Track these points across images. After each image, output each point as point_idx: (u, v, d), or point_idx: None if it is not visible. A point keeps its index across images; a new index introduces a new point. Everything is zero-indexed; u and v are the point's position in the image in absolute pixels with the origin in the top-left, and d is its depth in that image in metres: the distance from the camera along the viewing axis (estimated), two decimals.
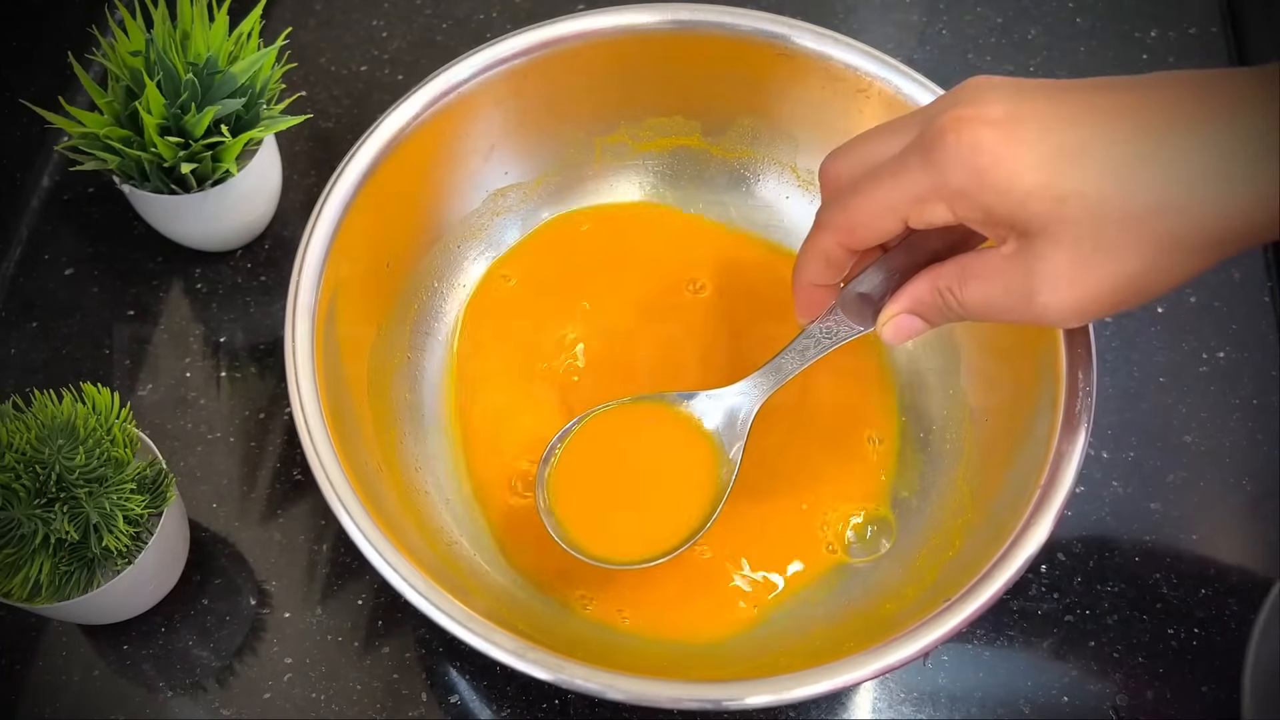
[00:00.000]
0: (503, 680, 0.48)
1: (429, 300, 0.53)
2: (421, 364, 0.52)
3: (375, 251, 0.50)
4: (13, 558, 0.43)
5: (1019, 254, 0.36)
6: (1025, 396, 0.46)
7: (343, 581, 0.50)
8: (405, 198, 0.51)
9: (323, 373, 0.44)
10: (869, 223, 0.38)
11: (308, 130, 0.62)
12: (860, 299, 0.43)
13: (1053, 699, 0.48)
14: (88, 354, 0.56)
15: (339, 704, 0.48)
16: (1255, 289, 0.58)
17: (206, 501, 0.52)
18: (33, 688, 0.48)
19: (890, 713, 0.48)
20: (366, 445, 0.46)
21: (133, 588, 0.46)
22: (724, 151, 0.56)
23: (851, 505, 0.49)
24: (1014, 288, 0.36)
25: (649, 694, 0.39)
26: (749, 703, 0.38)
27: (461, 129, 0.51)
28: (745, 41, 0.51)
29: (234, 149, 0.51)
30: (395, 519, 0.43)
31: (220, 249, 0.58)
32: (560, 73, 0.52)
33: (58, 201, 0.60)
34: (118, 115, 0.51)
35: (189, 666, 0.49)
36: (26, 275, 0.58)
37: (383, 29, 0.66)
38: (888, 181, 0.37)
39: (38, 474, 0.42)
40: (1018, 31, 0.66)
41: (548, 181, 0.56)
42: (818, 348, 0.45)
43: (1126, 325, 0.57)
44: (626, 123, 0.55)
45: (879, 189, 0.38)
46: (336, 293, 0.47)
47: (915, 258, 0.42)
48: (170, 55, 0.50)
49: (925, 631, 0.39)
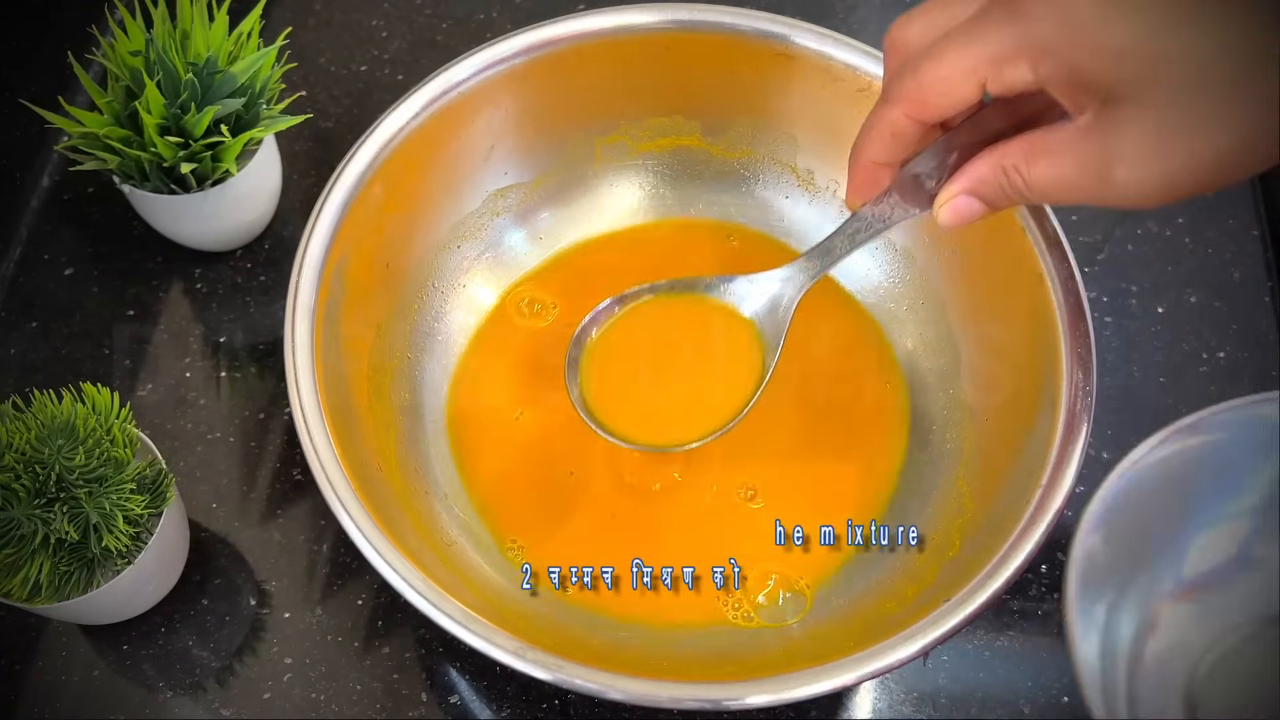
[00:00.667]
0: (503, 680, 0.48)
1: (429, 300, 0.53)
2: (421, 364, 0.52)
3: (375, 251, 0.50)
4: (13, 558, 0.43)
5: (1099, 123, 0.33)
6: (1025, 396, 0.46)
7: (343, 581, 0.50)
8: (405, 198, 0.51)
9: (323, 373, 0.44)
10: (944, 88, 0.35)
11: (308, 130, 0.62)
12: (916, 180, 0.40)
13: (1053, 699, 0.48)
14: (88, 354, 0.56)
15: (339, 704, 0.48)
16: (1255, 289, 0.58)
17: (206, 501, 0.52)
18: (33, 688, 0.48)
19: (890, 713, 0.48)
20: (366, 445, 0.46)
21: (133, 588, 0.46)
22: (724, 151, 0.56)
23: (850, 508, 0.50)
24: (1090, 162, 0.34)
25: (649, 694, 0.39)
26: (749, 702, 0.38)
27: (461, 129, 0.51)
28: (745, 41, 0.51)
29: (234, 149, 0.51)
30: (395, 519, 0.43)
31: (220, 249, 0.58)
32: (560, 73, 0.52)
33: (58, 201, 0.60)
34: (118, 115, 0.51)
35: (189, 666, 0.49)
36: (26, 275, 0.58)
37: (383, 29, 0.66)
38: (967, 39, 0.34)
39: (38, 474, 0.42)
40: None
41: (548, 181, 0.56)
42: (869, 231, 0.42)
43: (1126, 325, 0.57)
44: (626, 123, 0.55)
45: (957, 49, 0.35)
46: (336, 293, 0.47)
47: (978, 138, 0.39)
48: (170, 55, 0.50)
49: (925, 631, 0.39)
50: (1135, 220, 0.60)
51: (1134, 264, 0.58)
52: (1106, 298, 0.57)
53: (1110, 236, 0.59)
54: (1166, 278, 0.58)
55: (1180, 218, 0.60)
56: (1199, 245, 0.59)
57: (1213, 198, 0.60)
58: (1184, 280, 0.58)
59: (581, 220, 0.56)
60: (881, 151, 0.39)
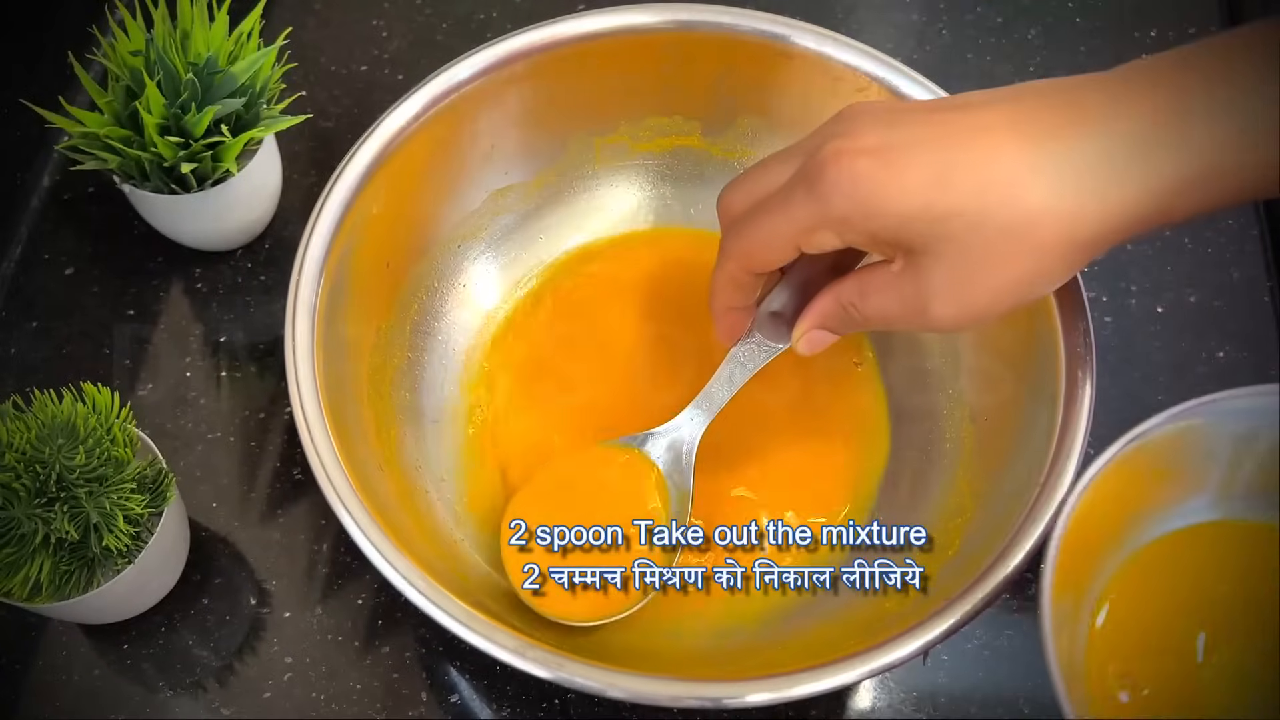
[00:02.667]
0: (503, 680, 0.48)
1: (429, 300, 0.53)
2: (421, 364, 0.52)
3: (375, 251, 0.50)
4: (13, 557, 0.43)
5: (907, 270, 0.38)
6: (1025, 396, 0.46)
7: (343, 581, 0.50)
8: (405, 197, 0.51)
9: (323, 373, 0.44)
10: (764, 251, 0.40)
11: (308, 130, 0.62)
12: (774, 318, 0.45)
13: (1052, 699, 0.48)
14: (88, 354, 0.56)
15: (339, 704, 0.48)
16: (1255, 289, 0.58)
17: (206, 501, 0.52)
18: (33, 688, 0.48)
19: (890, 712, 0.48)
20: (366, 445, 0.46)
21: (133, 588, 0.46)
22: (724, 151, 0.56)
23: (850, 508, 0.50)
24: (908, 301, 0.38)
25: (649, 693, 0.39)
26: (749, 701, 0.38)
27: (461, 129, 0.51)
28: (745, 41, 0.51)
29: (234, 149, 0.51)
30: (395, 519, 0.43)
31: (220, 249, 0.58)
32: (560, 73, 0.52)
33: (58, 201, 0.60)
34: (118, 115, 0.51)
35: (189, 666, 0.49)
36: (26, 275, 0.58)
37: (383, 29, 0.66)
38: (777, 213, 0.39)
39: (38, 474, 0.42)
40: (1017, 31, 0.66)
41: (548, 181, 0.56)
42: (743, 370, 0.46)
43: (1126, 325, 0.57)
44: (626, 123, 0.55)
45: (770, 219, 0.39)
46: (336, 293, 0.47)
47: (817, 266, 0.44)
48: (170, 55, 0.50)
49: (925, 631, 0.39)
50: None
51: (1134, 264, 0.58)
52: (1106, 297, 0.58)
53: None
54: (1166, 277, 0.58)
55: None
56: (1199, 245, 0.59)
57: None
58: (1184, 280, 0.58)
59: (582, 220, 0.56)
60: (730, 299, 0.44)
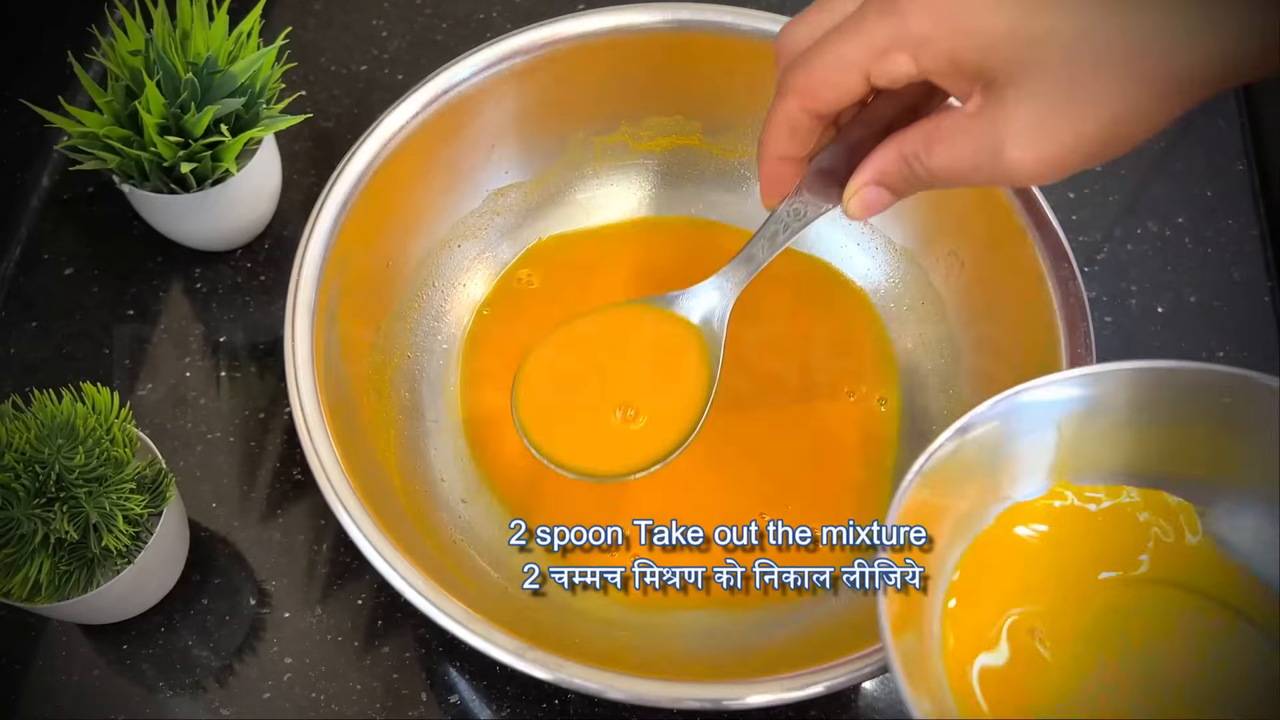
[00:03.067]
0: (503, 680, 0.48)
1: (429, 300, 0.53)
2: (421, 364, 0.52)
3: (375, 251, 0.50)
4: (13, 557, 0.43)
5: (986, 107, 0.34)
6: None
7: (343, 581, 0.50)
8: (405, 198, 0.51)
9: (323, 372, 0.44)
10: (831, 80, 0.37)
11: (308, 130, 0.62)
12: (824, 175, 0.41)
13: None
14: (88, 354, 0.56)
15: (339, 704, 0.48)
16: (1255, 289, 0.58)
17: (206, 501, 0.52)
18: (33, 688, 0.48)
19: (890, 713, 0.48)
20: (366, 445, 0.46)
21: (133, 588, 0.46)
22: (724, 151, 0.56)
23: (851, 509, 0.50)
24: (983, 145, 0.34)
25: (649, 693, 0.39)
26: (749, 702, 0.39)
27: (461, 129, 0.51)
28: (745, 41, 0.51)
29: (234, 148, 0.51)
30: (395, 519, 0.44)
31: (220, 249, 0.58)
32: (560, 73, 0.52)
33: (58, 201, 0.60)
34: (117, 115, 0.51)
35: (189, 666, 0.49)
36: (26, 275, 0.58)
37: (383, 29, 0.66)
38: (848, 35, 0.36)
39: (37, 474, 0.42)
40: None
41: (548, 181, 0.56)
42: (786, 231, 0.43)
43: (1126, 325, 0.57)
44: (626, 122, 0.55)
45: (839, 43, 0.36)
46: (336, 292, 0.47)
47: (875, 128, 0.40)
48: (170, 55, 0.50)
49: None
50: (1135, 220, 0.60)
51: (1134, 264, 0.58)
52: (1106, 298, 0.57)
53: (1110, 236, 0.59)
54: (1166, 277, 0.58)
55: (1180, 217, 0.60)
56: (1199, 245, 0.59)
57: (1213, 197, 0.60)
58: (1184, 280, 0.58)
59: (582, 219, 0.56)
60: (783, 145, 0.40)
